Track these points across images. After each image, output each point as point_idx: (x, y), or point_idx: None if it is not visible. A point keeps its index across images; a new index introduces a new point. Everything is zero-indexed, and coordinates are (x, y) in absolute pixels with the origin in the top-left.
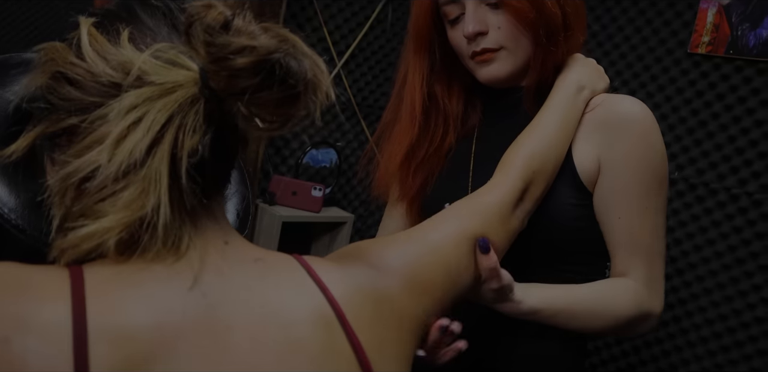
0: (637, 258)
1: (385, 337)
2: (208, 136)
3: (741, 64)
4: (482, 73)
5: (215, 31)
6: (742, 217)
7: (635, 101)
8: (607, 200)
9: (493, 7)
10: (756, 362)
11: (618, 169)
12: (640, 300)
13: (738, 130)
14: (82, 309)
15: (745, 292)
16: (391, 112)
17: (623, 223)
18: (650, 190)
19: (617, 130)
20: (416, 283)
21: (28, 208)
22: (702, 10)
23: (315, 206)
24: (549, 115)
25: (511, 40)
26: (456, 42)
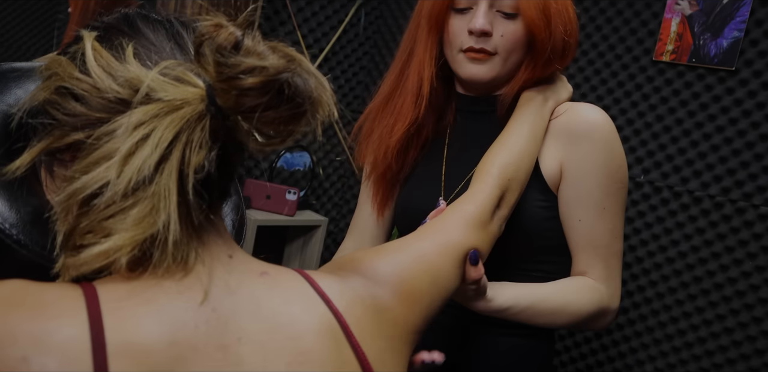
0: (596, 258)
1: (385, 347)
2: (214, 152)
3: (703, 71)
4: (467, 68)
5: (226, 51)
6: (705, 219)
7: (597, 110)
8: (569, 203)
9: (505, 16)
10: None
11: (579, 174)
12: (599, 297)
13: (700, 135)
14: (99, 326)
15: (707, 290)
16: (389, 86)
17: (583, 224)
18: (609, 194)
19: (579, 137)
20: (406, 292)
21: (30, 224)
22: (666, 20)
23: (289, 210)
24: (519, 126)
25: (508, 51)
26: (454, 31)
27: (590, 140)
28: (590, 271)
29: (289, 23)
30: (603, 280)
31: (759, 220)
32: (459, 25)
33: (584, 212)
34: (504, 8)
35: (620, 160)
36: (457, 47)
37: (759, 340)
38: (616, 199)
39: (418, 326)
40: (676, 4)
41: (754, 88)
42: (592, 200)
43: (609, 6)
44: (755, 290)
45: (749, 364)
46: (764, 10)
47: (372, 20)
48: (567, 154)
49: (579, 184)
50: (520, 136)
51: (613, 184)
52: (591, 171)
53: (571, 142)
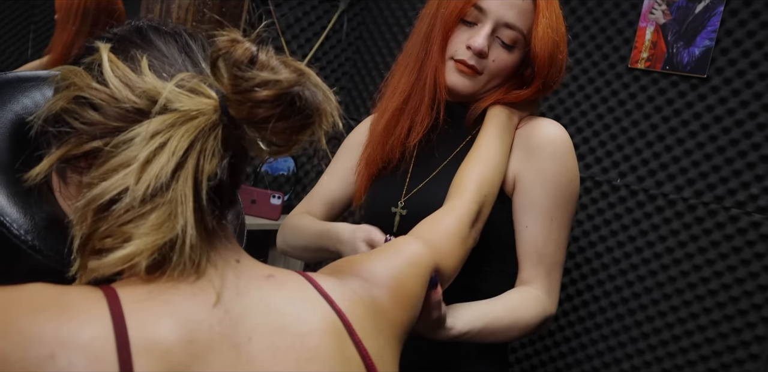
0: (541, 268)
1: (384, 345)
2: (226, 160)
3: (676, 79)
4: (453, 77)
5: (243, 65)
6: (678, 221)
7: (556, 126)
8: (518, 210)
9: (503, 44)
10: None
11: (531, 184)
12: (543, 307)
13: (674, 140)
14: (122, 326)
15: (681, 290)
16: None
17: (530, 231)
18: (557, 206)
19: (536, 149)
20: (400, 294)
21: (44, 230)
22: (641, 28)
23: (274, 214)
24: (492, 142)
25: (494, 74)
26: (454, 40)
27: (545, 154)
28: (534, 281)
29: (272, 29)
30: (545, 290)
31: (730, 222)
32: (460, 37)
33: (532, 220)
34: (504, 38)
35: (572, 175)
36: (450, 54)
37: (731, 337)
38: (564, 212)
39: (408, 326)
40: (651, 13)
41: (725, 95)
42: (541, 209)
43: (586, 14)
44: (727, 289)
45: (708, 365)
46: (734, 20)
47: (354, 27)
48: (523, 165)
49: (530, 193)
50: (493, 152)
51: (562, 197)
52: (543, 182)
53: (528, 154)
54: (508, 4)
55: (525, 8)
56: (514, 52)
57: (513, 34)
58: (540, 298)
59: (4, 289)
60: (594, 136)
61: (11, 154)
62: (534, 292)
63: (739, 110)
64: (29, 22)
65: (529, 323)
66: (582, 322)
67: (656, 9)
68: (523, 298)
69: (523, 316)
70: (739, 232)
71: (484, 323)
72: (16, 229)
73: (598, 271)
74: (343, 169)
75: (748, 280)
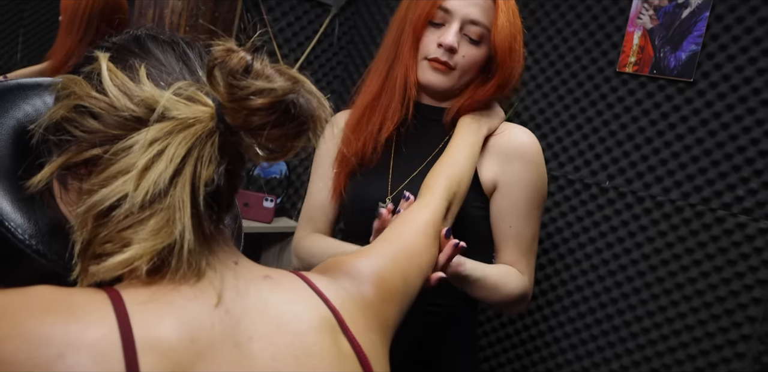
0: (522, 257)
1: (376, 340)
2: (222, 167)
3: (663, 83)
4: (428, 75)
5: (238, 74)
6: (666, 222)
7: (529, 133)
8: (501, 211)
9: (470, 41)
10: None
11: (512, 188)
12: (524, 285)
13: (661, 143)
14: (127, 326)
15: (669, 290)
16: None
17: (513, 230)
18: (533, 206)
19: (513, 156)
20: (385, 290)
21: (47, 234)
22: (629, 33)
23: (266, 217)
24: (461, 148)
25: (465, 69)
26: (425, 41)
27: (522, 161)
28: (515, 264)
29: (265, 34)
30: (525, 273)
31: (716, 223)
32: (430, 38)
33: (515, 220)
34: (471, 34)
35: (544, 178)
36: (423, 55)
37: (717, 336)
38: (538, 210)
39: (394, 322)
40: (638, 18)
41: (711, 99)
42: (521, 210)
43: (575, 19)
44: (713, 289)
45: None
46: (719, 26)
47: (345, 30)
48: (502, 170)
49: (512, 197)
50: (461, 157)
51: (537, 198)
52: (522, 186)
53: (507, 160)
54: (471, 3)
55: (486, 6)
56: (481, 47)
57: (478, 30)
58: (520, 276)
59: (10, 291)
60: (583, 139)
61: (13, 160)
62: (515, 270)
63: (724, 113)
64: (18, 26)
65: (511, 292)
66: (572, 322)
67: (644, 14)
68: (508, 270)
69: (507, 283)
70: (725, 234)
71: (481, 274)
72: (20, 233)
73: (587, 273)
74: (328, 177)
75: (734, 281)
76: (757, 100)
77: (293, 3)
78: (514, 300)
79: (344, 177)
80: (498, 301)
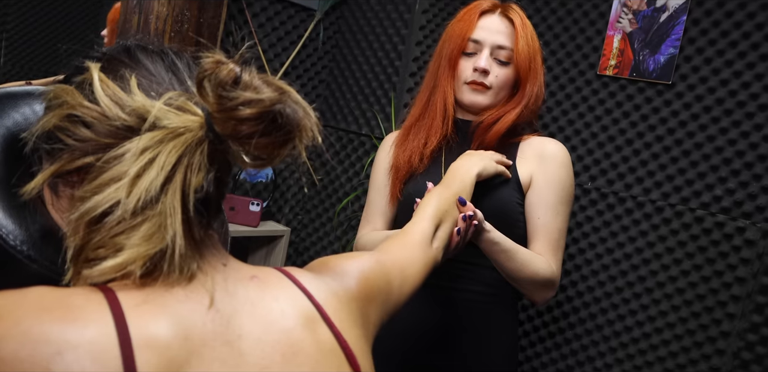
0: (549, 248)
1: (359, 335)
2: (212, 174)
3: (643, 85)
4: (470, 96)
5: (227, 86)
6: (647, 222)
7: (557, 142)
8: (532, 205)
9: (500, 63)
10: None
11: (543, 186)
12: (551, 270)
13: (642, 144)
14: (124, 324)
15: (651, 288)
16: (419, 109)
17: (541, 221)
18: (561, 202)
19: (548, 157)
20: (367, 287)
21: (39, 240)
22: (609, 37)
23: (253, 221)
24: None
25: (500, 87)
26: (462, 68)
27: (555, 162)
28: (543, 254)
29: (250, 38)
30: (553, 262)
31: (695, 222)
32: (466, 65)
33: (542, 212)
34: (500, 57)
35: (572, 180)
36: (462, 80)
37: (697, 333)
38: (566, 207)
39: (376, 321)
40: (618, 22)
41: (689, 101)
42: (550, 204)
43: (556, 23)
44: (693, 287)
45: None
46: (696, 29)
47: (330, 35)
48: (537, 169)
49: (542, 193)
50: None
51: (565, 196)
52: (551, 184)
53: (542, 161)
54: (495, 31)
55: (508, 32)
56: (510, 67)
57: (506, 53)
58: (548, 262)
59: (9, 292)
60: (565, 142)
61: (5, 168)
62: (542, 257)
63: (702, 115)
64: (1, 30)
65: (538, 271)
66: (556, 322)
67: (623, 18)
68: (536, 254)
69: (535, 262)
70: (704, 233)
71: (510, 247)
72: (12, 239)
73: (571, 273)
74: (384, 185)
75: (713, 279)
76: (733, 102)
77: (278, 8)
78: (541, 281)
79: (398, 183)
80: (526, 277)
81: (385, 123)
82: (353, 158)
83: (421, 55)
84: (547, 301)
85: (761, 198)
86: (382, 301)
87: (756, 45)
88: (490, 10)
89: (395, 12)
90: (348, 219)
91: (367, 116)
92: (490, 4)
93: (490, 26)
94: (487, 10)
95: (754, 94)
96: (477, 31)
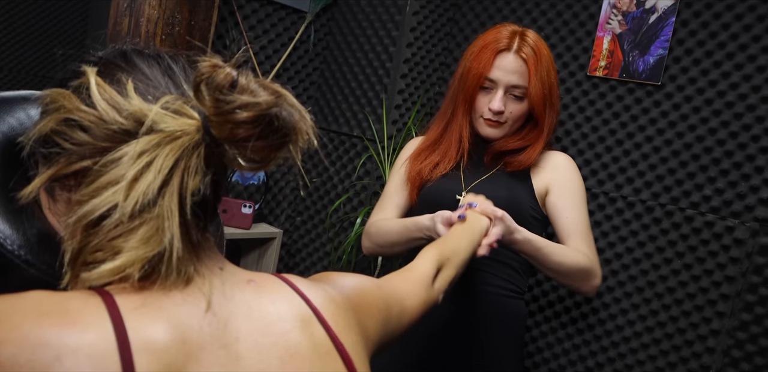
0: (584, 241)
1: (357, 341)
2: (208, 177)
3: (633, 86)
4: (485, 130)
5: (224, 89)
6: (638, 222)
7: (565, 154)
8: (558, 208)
9: (515, 98)
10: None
11: (564, 190)
12: (589, 260)
13: (632, 145)
14: (122, 328)
15: (642, 288)
16: (437, 133)
17: (570, 220)
18: (581, 200)
19: (560, 166)
20: (364, 301)
21: (36, 245)
22: (599, 38)
23: (245, 223)
24: (459, 232)
25: (514, 120)
26: (479, 104)
27: (568, 170)
28: (580, 248)
29: (241, 41)
30: (590, 253)
31: (685, 222)
32: (483, 100)
33: (570, 212)
34: (515, 93)
35: (583, 184)
36: (479, 114)
37: (688, 332)
38: (585, 204)
39: (375, 338)
40: (607, 23)
41: (678, 101)
42: (573, 204)
43: (546, 24)
44: (684, 286)
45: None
46: (685, 31)
47: (321, 37)
48: (553, 176)
49: (564, 196)
50: (459, 236)
51: (583, 196)
52: (570, 187)
53: (556, 169)
54: (510, 71)
55: (522, 71)
56: (525, 101)
57: (520, 90)
58: (585, 253)
59: (7, 296)
60: (555, 142)
61: (1, 172)
62: (579, 250)
63: (691, 116)
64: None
65: (578, 262)
66: (548, 321)
67: (613, 19)
68: (571, 248)
69: (571, 253)
70: (694, 232)
71: (546, 243)
72: (9, 244)
73: None
74: (402, 180)
75: (703, 278)
76: (722, 103)
77: (269, 10)
78: (584, 270)
79: (416, 188)
80: (568, 269)
81: (376, 124)
82: (345, 160)
83: (411, 57)
84: (596, 290)
85: (750, 197)
86: (382, 322)
87: (744, 46)
88: (506, 48)
89: (386, 14)
90: (340, 220)
91: (358, 118)
92: (506, 41)
93: (506, 66)
94: (503, 48)
95: (742, 94)
96: (493, 71)
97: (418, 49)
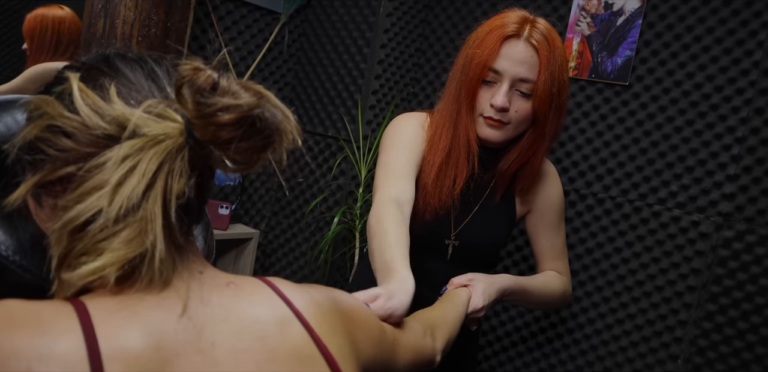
0: (559, 260)
1: (343, 344)
2: (193, 180)
3: (601, 86)
4: (485, 131)
5: (206, 92)
6: (607, 218)
7: (551, 166)
8: (538, 229)
9: (522, 95)
10: None
11: (546, 211)
12: (565, 284)
13: (601, 143)
14: (93, 337)
15: (612, 281)
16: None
17: (549, 242)
18: (560, 218)
19: (545, 188)
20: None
21: (30, 250)
22: (568, 39)
23: (222, 224)
24: (449, 301)
25: (519, 122)
26: (480, 100)
27: (551, 186)
28: (556, 269)
29: (216, 42)
30: (564, 273)
31: (653, 217)
32: (484, 96)
33: (550, 234)
34: (522, 89)
35: (563, 195)
36: (479, 112)
37: (657, 323)
38: (563, 223)
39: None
40: (577, 25)
41: (645, 101)
42: (553, 226)
43: None
44: (652, 279)
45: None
46: (651, 32)
47: (295, 38)
48: (537, 198)
49: (546, 216)
50: (448, 306)
51: (562, 212)
52: (553, 208)
53: (541, 189)
54: (519, 62)
55: (533, 62)
56: (533, 99)
57: (528, 85)
58: (560, 277)
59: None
60: None
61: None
62: (553, 272)
63: (658, 115)
64: None
65: (566, 289)
66: (522, 316)
67: (582, 21)
68: (549, 275)
69: (553, 286)
70: (661, 227)
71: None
72: (4, 249)
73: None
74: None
75: (670, 270)
76: (687, 102)
77: (243, 12)
78: (561, 298)
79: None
80: (558, 301)
81: (351, 125)
82: (320, 160)
83: (385, 58)
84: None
85: (714, 193)
86: (376, 340)
87: (707, 48)
88: (514, 34)
89: (360, 15)
90: (316, 220)
91: (333, 118)
92: (515, 26)
93: (514, 55)
94: (511, 34)
95: (706, 94)
96: (499, 60)
97: (391, 51)
